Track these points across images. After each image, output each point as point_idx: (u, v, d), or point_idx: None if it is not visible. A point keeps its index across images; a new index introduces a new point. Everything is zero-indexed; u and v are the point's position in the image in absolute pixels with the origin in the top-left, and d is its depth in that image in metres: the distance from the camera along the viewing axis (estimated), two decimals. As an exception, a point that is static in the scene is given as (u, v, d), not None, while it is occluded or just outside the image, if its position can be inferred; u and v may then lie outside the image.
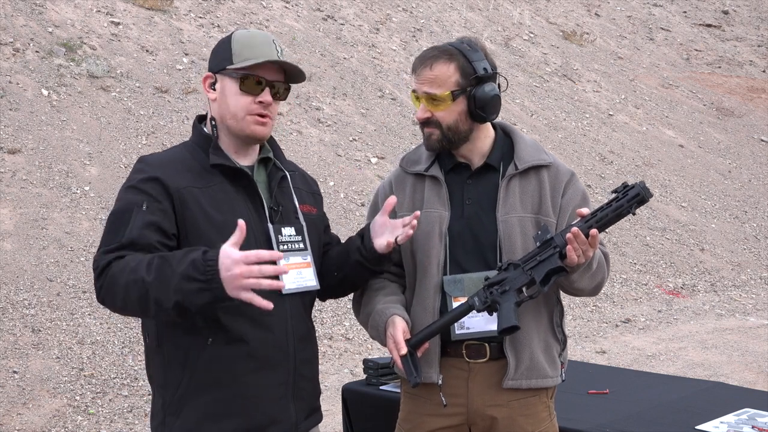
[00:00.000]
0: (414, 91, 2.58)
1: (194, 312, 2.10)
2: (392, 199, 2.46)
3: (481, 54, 2.55)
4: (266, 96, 2.34)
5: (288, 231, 2.38)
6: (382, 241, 2.43)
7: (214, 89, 2.38)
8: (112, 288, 2.14)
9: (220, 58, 2.37)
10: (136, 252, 2.16)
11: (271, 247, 2.32)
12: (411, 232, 2.40)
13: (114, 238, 2.21)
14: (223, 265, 2.02)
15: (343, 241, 2.61)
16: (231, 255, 2.01)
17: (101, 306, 6.97)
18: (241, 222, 2.04)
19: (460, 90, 2.52)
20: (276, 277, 2.11)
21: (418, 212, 2.42)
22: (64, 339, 6.03)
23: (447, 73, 2.51)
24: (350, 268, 2.49)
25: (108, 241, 2.22)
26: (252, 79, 2.33)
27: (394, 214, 2.56)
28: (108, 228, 2.25)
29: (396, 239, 2.41)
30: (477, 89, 2.52)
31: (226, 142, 2.39)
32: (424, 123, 2.57)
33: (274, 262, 2.06)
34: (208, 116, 2.42)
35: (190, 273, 2.03)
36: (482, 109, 2.53)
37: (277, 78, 2.37)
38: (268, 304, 2.04)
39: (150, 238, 2.19)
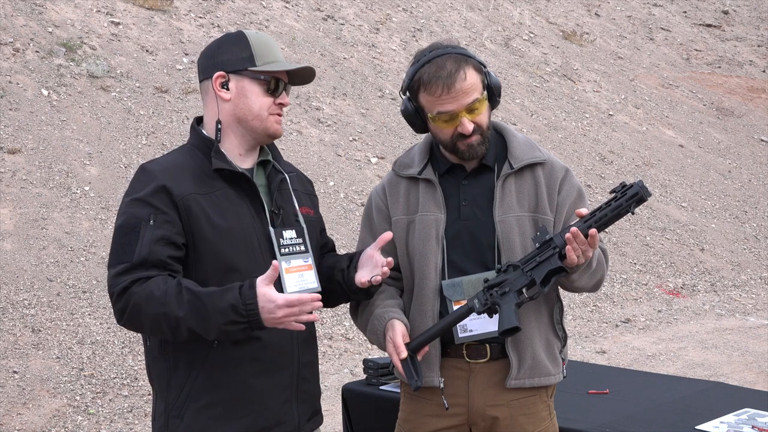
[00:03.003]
0: (441, 113, 2.47)
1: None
2: (387, 235, 2.42)
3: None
4: (285, 98, 2.40)
5: (289, 234, 2.39)
6: (362, 275, 2.42)
7: (227, 89, 2.36)
8: (137, 317, 2.19)
9: (238, 59, 2.35)
10: (148, 270, 2.19)
11: (273, 251, 2.33)
12: (387, 270, 2.38)
13: (123, 257, 2.21)
14: (264, 308, 2.11)
15: (337, 245, 2.61)
16: (273, 299, 2.11)
17: (101, 306, 6.93)
18: (275, 262, 2.12)
19: (484, 86, 2.52)
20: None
21: (391, 259, 2.39)
22: (64, 339, 6.03)
23: (475, 75, 2.49)
24: (334, 285, 2.49)
25: (117, 260, 2.23)
26: (276, 82, 2.37)
27: (392, 246, 2.57)
28: (116, 245, 2.25)
29: (371, 279, 2.39)
30: (489, 78, 2.53)
31: (235, 143, 2.38)
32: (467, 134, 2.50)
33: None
34: (213, 118, 2.37)
35: (232, 318, 2.12)
36: (498, 94, 2.55)
37: (284, 80, 2.42)
38: (301, 327, 2.16)
39: (160, 253, 2.20)
